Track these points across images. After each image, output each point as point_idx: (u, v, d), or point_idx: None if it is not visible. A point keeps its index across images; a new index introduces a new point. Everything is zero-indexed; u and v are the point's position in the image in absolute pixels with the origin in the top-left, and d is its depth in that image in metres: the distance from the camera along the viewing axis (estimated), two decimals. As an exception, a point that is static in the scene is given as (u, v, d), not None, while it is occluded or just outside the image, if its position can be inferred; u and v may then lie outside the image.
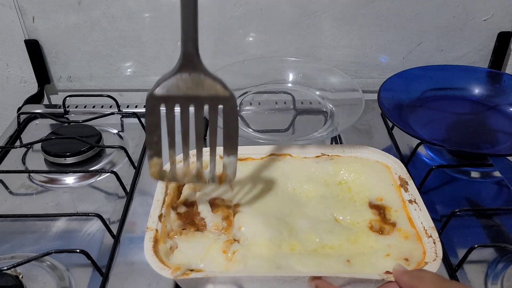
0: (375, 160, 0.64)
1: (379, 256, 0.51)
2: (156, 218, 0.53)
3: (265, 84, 0.95)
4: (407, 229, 0.55)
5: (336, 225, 0.56)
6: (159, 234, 0.52)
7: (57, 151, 0.78)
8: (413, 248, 0.52)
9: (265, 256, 0.50)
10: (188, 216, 0.56)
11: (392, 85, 0.85)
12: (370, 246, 0.53)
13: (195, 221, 0.55)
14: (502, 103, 0.87)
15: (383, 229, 0.56)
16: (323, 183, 0.61)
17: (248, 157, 0.64)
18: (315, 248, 0.52)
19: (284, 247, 0.52)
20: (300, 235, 0.54)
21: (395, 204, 0.58)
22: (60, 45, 0.97)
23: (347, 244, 0.53)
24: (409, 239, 0.54)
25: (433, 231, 0.53)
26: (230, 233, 0.54)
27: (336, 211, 0.58)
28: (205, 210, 0.56)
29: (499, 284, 0.58)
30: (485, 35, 0.97)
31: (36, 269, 0.59)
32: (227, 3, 0.92)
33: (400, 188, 0.60)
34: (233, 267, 0.49)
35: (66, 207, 0.71)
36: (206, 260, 0.50)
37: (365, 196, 0.60)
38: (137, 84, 1.03)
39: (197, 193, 0.58)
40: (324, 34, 0.96)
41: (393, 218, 0.57)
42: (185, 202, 0.57)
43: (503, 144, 0.78)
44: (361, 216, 0.57)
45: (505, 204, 0.72)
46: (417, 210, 0.56)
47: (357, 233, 0.55)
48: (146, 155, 0.72)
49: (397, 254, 0.51)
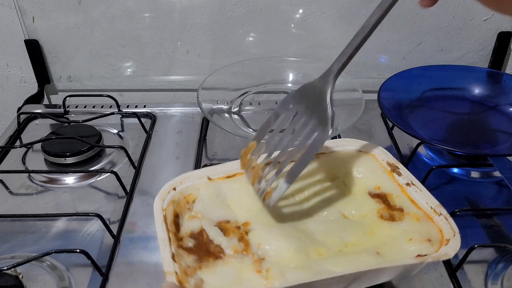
0: (358, 150, 0.63)
1: (403, 242, 0.50)
2: (169, 260, 0.47)
3: (265, 84, 0.95)
4: (415, 212, 0.54)
5: (347, 221, 0.55)
6: (179, 276, 0.46)
7: (57, 151, 0.78)
8: (429, 228, 0.51)
9: (299, 266, 0.48)
10: (201, 247, 0.51)
11: (392, 85, 0.85)
12: (388, 234, 0.52)
13: (210, 250, 0.51)
14: (502, 103, 0.87)
15: (393, 216, 0.54)
16: (317, 184, 0.60)
17: (235, 172, 0.59)
18: (340, 249, 0.51)
19: (312, 254, 0.50)
20: (319, 239, 0.52)
21: (394, 189, 0.57)
22: (60, 45, 0.98)
23: (366, 237, 0.52)
24: (421, 221, 0.53)
25: (441, 208, 0.52)
26: (250, 253, 0.50)
27: (341, 208, 0.57)
28: (218, 236, 0.52)
29: (499, 284, 0.58)
30: (485, 35, 0.97)
31: (36, 269, 0.59)
32: (227, 3, 0.93)
33: (392, 173, 0.59)
34: (273, 284, 0.46)
35: (66, 207, 0.71)
36: (244, 285, 0.47)
37: (362, 188, 0.59)
38: (137, 84, 1.03)
39: (202, 221, 0.53)
40: (324, 34, 0.96)
41: (398, 203, 0.56)
42: (191, 234, 0.52)
43: (503, 144, 0.78)
44: (367, 207, 0.56)
45: (505, 204, 0.72)
46: (417, 192, 0.55)
47: (370, 225, 0.54)
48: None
49: (418, 237, 0.50)
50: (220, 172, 0.57)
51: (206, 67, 1.00)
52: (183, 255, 0.49)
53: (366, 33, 0.48)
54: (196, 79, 1.00)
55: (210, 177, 0.56)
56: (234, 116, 0.88)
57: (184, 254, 0.49)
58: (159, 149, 0.83)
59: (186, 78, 1.02)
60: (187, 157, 0.80)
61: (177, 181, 0.54)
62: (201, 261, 0.49)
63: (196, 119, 0.91)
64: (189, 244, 0.50)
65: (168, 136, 0.86)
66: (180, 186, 0.54)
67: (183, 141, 0.85)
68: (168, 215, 0.52)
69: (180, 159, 0.80)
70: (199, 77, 0.97)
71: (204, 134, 0.86)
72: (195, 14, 0.94)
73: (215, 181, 0.56)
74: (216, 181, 0.56)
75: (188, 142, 0.84)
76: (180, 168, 0.78)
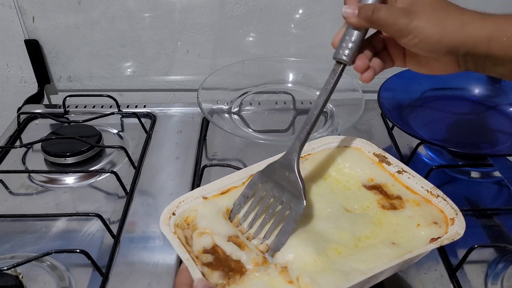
0: (343, 146, 0.63)
1: (412, 229, 0.51)
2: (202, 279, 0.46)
3: (265, 84, 0.95)
4: (413, 198, 0.55)
5: (352, 215, 0.55)
6: None
7: (57, 151, 0.78)
8: (431, 211, 0.53)
9: (326, 269, 0.48)
10: (220, 263, 0.49)
11: (392, 85, 0.85)
12: (395, 223, 0.53)
13: (232, 266, 0.49)
14: (502, 103, 0.87)
15: (394, 205, 0.55)
16: (312, 185, 0.59)
17: (229, 187, 0.57)
18: (355, 244, 0.51)
19: (331, 254, 0.49)
20: (332, 238, 0.52)
21: (387, 179, 0.58)
22: (60, 45, 0.98)
23: (377, 229, 0.53)
24: (421, 206, 0.54)
25: (437, 190, 0.54)
26: (271, 264, 0.49)
27: (343, 204, 0.57)
28: (235, 251, 0.50)
29: (499, 284, 0.58)
30: (485, 35, 0.97)
31: (36, 269, 0.59)
32: (227, 3, 0.93)
33: (381, 163, 0.59)
34: None
35: (66, 207, 0.71)
36: None
37: (356, 182, 0.59)
38: (137, 84, 1.03)
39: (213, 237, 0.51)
40: (324, 34, 0.96)
41: (394, 192, 0.56)
42: (204, 250, 0.50)
43: (503, 144, 0.78)
44: (366, 199, 0.56)
45: (505, 204, 0.72)
46: (410, 178, 0.57)
47: (376, 216, 0.54)
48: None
49: (424, 221, 0.51)
50: (214, 190, 0.56)
51: (206, 67, 1.00)
52: (208, 272, 0.48)
53: (318, 111, 0.52)
54: (196, 79, 1.00)
55: (204, 196, 0.55)
56: (234, 116, 0.88)
57: (209, 272, 0.48)
58: (159, 149, 0.83)
59: (186, 78, 1.02)
60: (187, 157, 0.80)
61: (173, 205, 0.53)
62: (228, 277, 0.48)
63: (196, 119, 0.91)
64: (208, 259, 0.49)
65: (168, 136, 0.86)
66: (177, 210, 0.53)
67: (183, 141, 0.85)
68: (181, 237, 0.51)
69: (180, 159, 0.80)
70: (199, 77, 0.97)
71: (204, 134, 0.86)
72: (195, 14, 0.94)
73: (210, 199, 0.55)
74: (212, 199, 0.55)
75: (188, 142, 0.84)
76: (180, 168, 0.78)
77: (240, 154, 0.81)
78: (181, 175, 0.76)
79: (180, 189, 0.73)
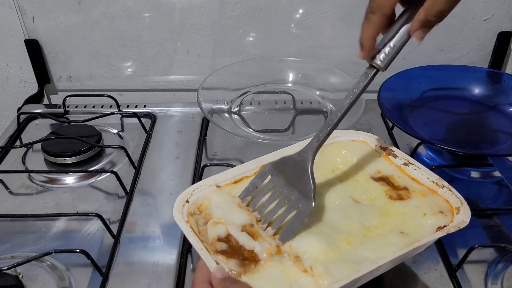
0: (350, 140, 0.64)
1: (419, 218, 0.52)
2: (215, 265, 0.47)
3: (265, 84, 0.95)
4: (419, 189, 0.56)
5: (360, 206, 0.56)
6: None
7: (57, 151, 0.78)
8: (436, 201, 0.54)
9: (337, 259, 0.48)
10: (235, 252, 0.50)
11: (392, 85, 0.85)
12: (403, 212, 0.54)
13: (246, 255, 0.49)
14: (502, 103, 0.87)
15: (401, 195, 0.56)
16: (320, 177, 0.59)
17: (242, 177, 0.59)
18: (365, 234, 0.52)
19: (342, 244, 0.50)
20: (341, 228, 0.53)
21: (393, 171, 0.59)
22: (60, 45, 0.98)
23: (385, 218, 0.53)
24: (426, 196, 0.55)
25: (442, 181, 0.55)
26: (284, 254, 0.50)
27: (351, 194, 0.57)
28: (249, 241, 0.51)
29: (499, 284, 0.58)
30: (485, 35, 0.97)
31: (36, 269, 0.59)
32: (227, 3, 0.93)
33: (388, 156, 0.61)
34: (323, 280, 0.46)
35: (66, 207, 0.71)
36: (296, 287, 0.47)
37: (364, 174, 0.60)
38: (137, 84, 1.03)
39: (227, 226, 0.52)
40: (324, 34, 0.96)
41: (401, 183, 0.58)
42: (219, 238, 0.51)
43: (503, 144, 0.78)
44: (374, 190, 0.57)
45: (505, 204, 0.72)
46: (416, 169, 0.58)
47: (384, 206, 0.55)
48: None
49: (430, 211, 0.53)
50: (227, 179, 0.57)
51: (206, 67, 1.00)
52: (222, 260, 0.49)
53: (342, 113, 0.51)
54: (196, 79, 1.00)
55: (218, 184, 0.56)
56: (234, 116, 0.88)
57: (223, 259, 0.49)
58: (159, 149, 0.83)
59: (186, 78, 1.02)
60: (187, 157, 0.80)
61: (188, 193, 0.54)
62: (244, 266, 0.48)
63: (196, 119, 0.91)
64: (223, 247, 0.50)
65: (168, 136, 0.86)
66: (191, 198, 0.54)
67: (183, 141, 0.85)
68: (194, 227, 0.52)
69: (180, 159, 0.80)
70: (199, 77, 0.97)
71: (204, 134, 0.86)
72: (195, 14, 0.94)
73: (223, 188, 0.56)
74: (225, 188, 0.57)
75: (188, 142, 0.84)
76: (180, 168, 0.78)
77: (240, 153, 0.81)
78: (181, 175, 0.76)
79: (180, 189, 0.72)
